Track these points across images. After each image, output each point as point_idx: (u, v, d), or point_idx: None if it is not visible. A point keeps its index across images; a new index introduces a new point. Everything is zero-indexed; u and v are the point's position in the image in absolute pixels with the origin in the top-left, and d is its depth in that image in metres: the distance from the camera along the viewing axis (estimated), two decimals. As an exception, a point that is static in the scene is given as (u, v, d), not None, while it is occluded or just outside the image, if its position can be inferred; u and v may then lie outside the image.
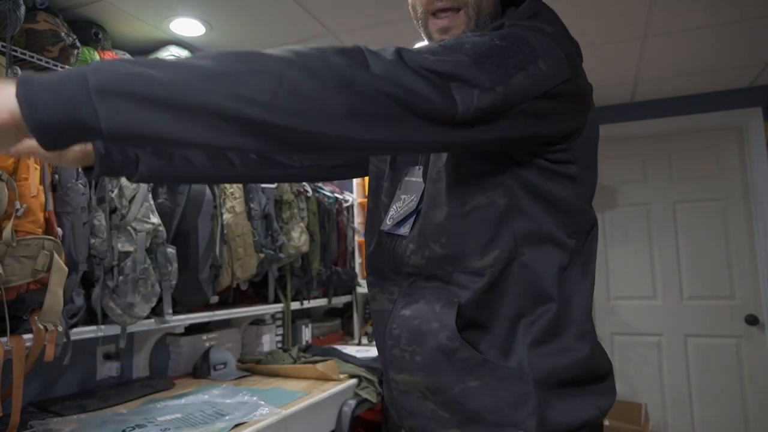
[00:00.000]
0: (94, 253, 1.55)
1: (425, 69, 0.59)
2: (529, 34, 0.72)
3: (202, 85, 0.50)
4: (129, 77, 0.50)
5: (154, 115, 0.50)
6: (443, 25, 0.81)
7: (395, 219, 0.86)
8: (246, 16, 1.92)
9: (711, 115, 2.96)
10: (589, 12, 1.97)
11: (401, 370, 0.83)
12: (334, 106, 0.54)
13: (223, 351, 2.19)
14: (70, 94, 0.49)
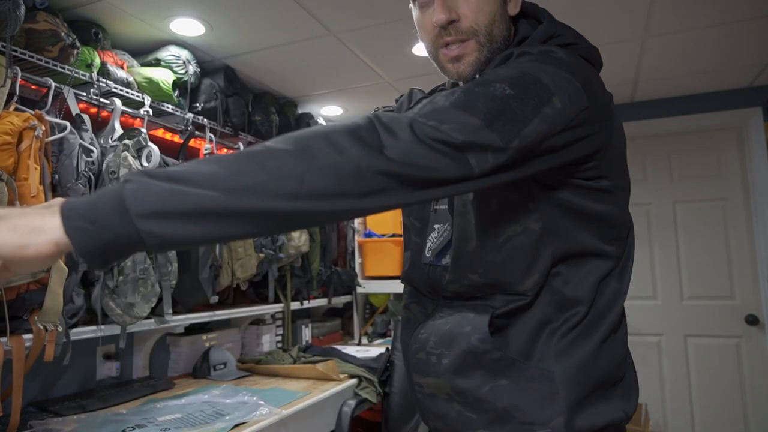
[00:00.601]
0: (94, 253, 1.55)
1: (439, 142, 0.61)
2: (542, 69, 0.71)
3: (234, 195, 0.55)
4: (162, 198, 0.54)
5: (193, 226, 0.54)
6: (454, 55, 0.81)
7: (434, 250, 0.88)
8: (246, 16, 1.92)
9: (711, 115, 2.96)
10: (589, 12, 1.97)
11: (426, 373, 0.84)
12: (352, 191, 0.58)
13: (223, 351, 2.19)
14: (113, 224, 0.52)
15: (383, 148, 0.59)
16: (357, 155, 0.58)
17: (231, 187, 0.55)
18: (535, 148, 0.67)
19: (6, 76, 1.41)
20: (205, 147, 2.21)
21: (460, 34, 0.80)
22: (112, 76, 1.77)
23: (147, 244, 0.54)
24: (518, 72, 0.70)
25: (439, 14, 0.78)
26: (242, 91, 2.45)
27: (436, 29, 0.80)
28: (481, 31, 0.81)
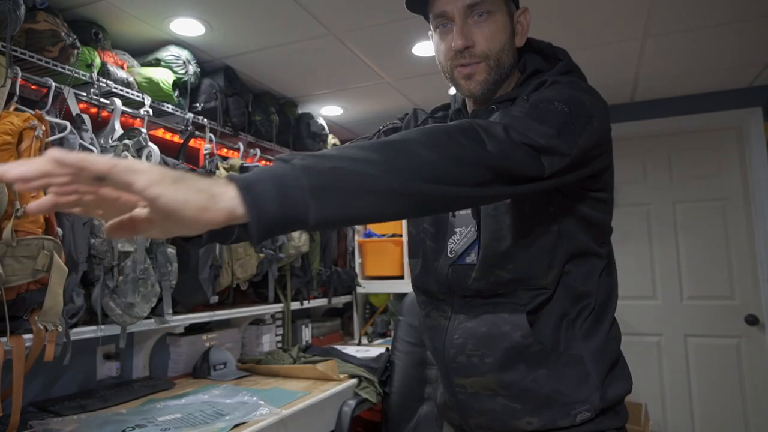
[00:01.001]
0: (94, 253, 1.55)
1: (525, 144, 0.73)
2: (580, 94, 0.85)
3: (390, 176, 0.62)
4: (333, 175, 0.59)
5: (355, 203, 0.60)
6: (466, 73, 0.93)
7: (458, 251, 0.97)
8: (246, 16, 1.92)
9: (711, 115, 2.96)
10: (589, 12, 1.97)
11: (469, 374, 0.94)
12: (468, 181, 0.68)
13: (223, 351, 2.19)
14: (292, 197, 0.55)
15: (485, 145, 0.69)
16: (472, 149, 0.68)
17: (387, 169, 0.62)
18: (581, 158, 0.82)
19: (6, 76, 1.41)
20: (205, 147, 2.21)
21: (474, 58, 0.93)
22: (112, 76, 1.77)
23: (311, 222, 0.57)
24: (568, 95, 0.83)
25: (458, 41, 0.91)
26: (242, 91, 2.45)
27: (453, 52, 0.93)
28: (492, 56, 0.93)
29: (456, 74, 0.95)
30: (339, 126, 3.42)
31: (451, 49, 0.93)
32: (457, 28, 0.91)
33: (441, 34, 0.95)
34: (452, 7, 0.91)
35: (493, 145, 0.70)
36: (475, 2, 0.91)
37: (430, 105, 1.14)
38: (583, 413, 0.88)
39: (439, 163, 0.65)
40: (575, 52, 2.38)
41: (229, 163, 2.29)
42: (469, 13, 0.91)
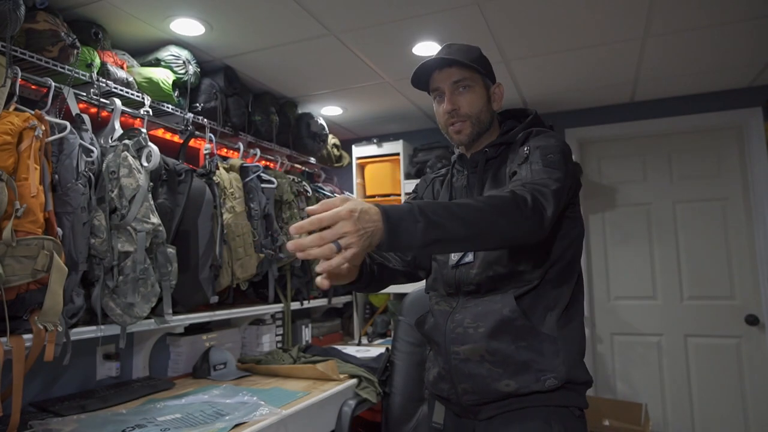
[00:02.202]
0: (94, 253, 1.55)
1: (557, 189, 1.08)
2: (560, 142, 1.19)
3: (477, 227, 0.93)
4: (439, 232, 0.90)
5: (455, 245, 0.96)
6: (456, 129, 1.29)
7: (458, 256, 1.25)
8: (246, 16, 1.92)
9: (711, 115, 2.96)
10: (588, 12, 1.97)
11: (464, 342, 1.17)
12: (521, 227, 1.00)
13: (223, 351, 2.19)
14: (411, 233, 0.87)
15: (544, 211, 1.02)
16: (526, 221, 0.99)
17: (480, 223, 0.94)
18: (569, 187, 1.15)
19: (6, 76, 1.41)
20: (205, 147, 2.21)
21: (460, 117, 1.28)
22: (112, 76, 1.77)
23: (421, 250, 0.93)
24: (555, 144, 1.17)
25: (447, 105, 1.27)
26: (242, 91, 2.45)
27: (446, 115, 1.28)
28: (473, 116, 1.28)
29: (450, 130, 1.30)
30: (339, 126, 3.42)
31: (444, 112, 1.28)
32: (447, 97, 1.27)
33: (437, 103, 1.31)
34: (443, 84, 1.27)
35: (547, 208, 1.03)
36: (458, 79, 1.26)
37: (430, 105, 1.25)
38: (551, 380, 1.11)
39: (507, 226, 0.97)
40: (575, 52, 2.40)
41: (229, 163, 2.29)
42: (455, 87, 1.26)
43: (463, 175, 1.34)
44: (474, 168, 1.31)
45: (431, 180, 1.47)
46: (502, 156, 1.28)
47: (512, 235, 0.97)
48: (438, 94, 1.30)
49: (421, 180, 1.51)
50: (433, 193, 1.44)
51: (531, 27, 2.08)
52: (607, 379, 3.14)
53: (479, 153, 1.30)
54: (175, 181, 1.86)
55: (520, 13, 1.96)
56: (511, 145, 1.27)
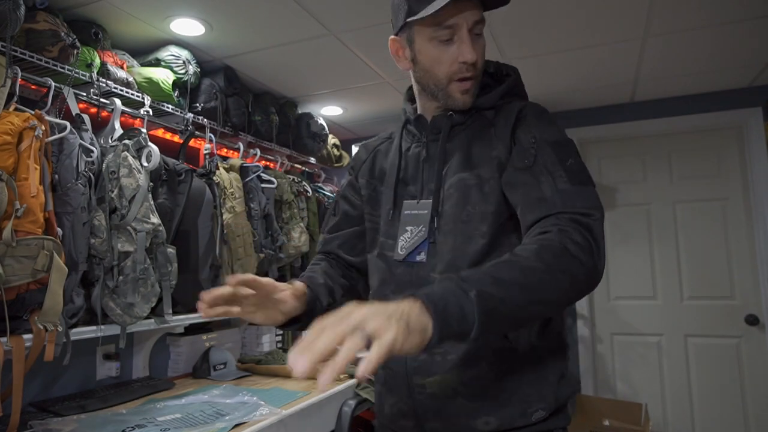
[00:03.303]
0: (94, 253, 1.55)
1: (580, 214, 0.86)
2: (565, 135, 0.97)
3: (530, 295, 0.74)
4: (495, 302, 0.69)
5: (509, 321, 0.75)
6: (466, 88, 0.98)
7: (407, 248, 1.00)
8: (246, 16, 1.92)
9: (711, 115, 2.96)
10: (589, 12, 1.97)
11: (431, 372, 0.93)
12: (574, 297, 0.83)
13: (223, 351, 2.19)
14: (465, 322, 0.67)
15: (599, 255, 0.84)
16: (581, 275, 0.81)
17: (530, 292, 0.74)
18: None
19: (6, 76, 1.41)
20: (205, 147, 2.21)
21: (475, 71, 0.97)
22: (112, 76, 1.77)
23: (471, 337, 0.68)
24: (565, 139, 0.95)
25: (472, 54, 0.94)
26: (242, 91, 2.45)
27: (457, 65, 0.95)
28: (480, 72, 1.00)
29: (453, 87, 0.98)
30: (339, 126, 3.42)
31: (456, 61, 0.95)
32: (469, 42, 0.94)
33: (442, 44, 0.96)
34: (463, 21, 0.94)
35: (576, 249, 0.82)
36: (480, 19, 0.96)
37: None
38: (539, 412, 0.91)
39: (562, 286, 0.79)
40: (575, 52, 2.40)
41: (229, 163, 2.29)
42: (474, 30, 0.95)
43: (420, 143, 1.05)
44: (436, 135, 1.03)
45: (373, 150, 1.16)
46: (473, 125, 1.01)
47: (577, 291, 0.81)
48: (446, 33, 0.95)
49: (360, 148, 1.20)
50: (375, 168, 1.13)
51: (531, 27, 2.08)
52: (607, 379, 3.14)
53: (443, 116, 1.02)
54: (175, 181, 1.86)
55: (520, 13, 1.96)
56: (483, 111, 1.02)
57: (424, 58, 0.99)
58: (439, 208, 0.99)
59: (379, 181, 1.11)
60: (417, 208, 1.02)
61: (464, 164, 0.98)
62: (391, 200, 1.05)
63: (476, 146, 0.99)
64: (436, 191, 0.99)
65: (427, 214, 0.99)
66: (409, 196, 1.04)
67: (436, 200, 0.99)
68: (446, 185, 0.99)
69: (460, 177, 0.98)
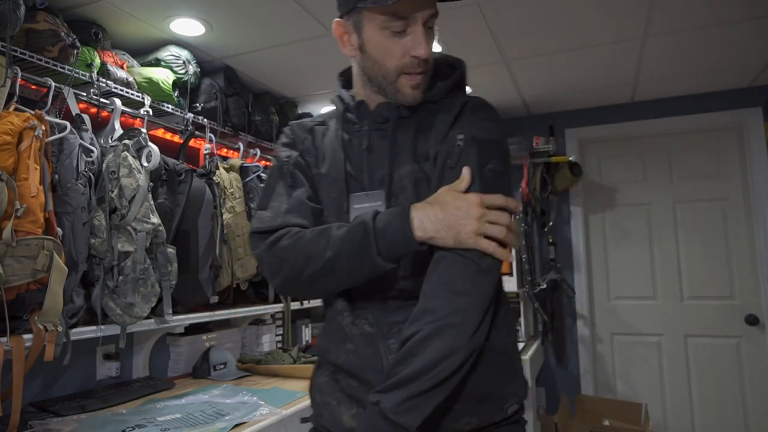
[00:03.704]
0: (94, 253, 1.55)
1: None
2: (500, 137, 0.96)
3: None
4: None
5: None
6: (416, 83, 0.94)
7: None
8: (246, 16, 1.92)
9: (711, 115, 2.96)
10: (589, 12, 1.97)
11: None
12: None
13: (223, 351, 2.19)
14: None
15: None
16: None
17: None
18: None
19: (6, 76, 1.41)
20: (205, 147, 2.21)
21: (427, 66, 0.94)
22: (112, 76, 1.77)
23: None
24: (496, 141, 0.93)
25: (426, 50, 0.91)
26: (242, 91, 2.45)
27: (409, 58, 0.91)
28: (431, 66, 0.96)
29: (403, 80, 0.93)
30: (339, 126, 3.41)
31: (407, 54, 0.91)
32: (422, 36, 0.90)
33: (394, 35, 0.91)
34: (419, 14, 0.89)
35: None
36: (434, 13, 0.92)
37: None
38: (513, 405, 0.93)
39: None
40: (575, 52, 2.40)
41: (229, 163, 2.29)
42: (426, 22, 0.91)
43: (362, 133, 0.98)
44: (380, 125, 0.97)
45: (310, 130, 1.06)
46: (418, 117, 0.97)
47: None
48: (398, 23, 0.89)
49: (294, 126, 1.08)
50: (315, 150, 1.03)
51: (531, 27, 2.08)
52: (607, 379, 3.14)
53: (389, 107, 0.96)
54: (175, 181, 1.86)
55: (520, 13, 1.96)
56: (427, 105, 0.98)
57: (374, 48, 0.93)
58: (392, 199, 0.94)
59: (321, 163, 1.01)
60: (366, 201, 0.96)
61: (413, 157, 0.95)
62: (344, 192, 0.97)
63: (420, 140, 0.96)
64: (389, 182, 0.94)
65: (382, 206, 0.93)
66: (356, 189, 0.97)
67: (389, 192, 0.94)
68: (396, 177, 0.94)
69: (412, 169, 0.94)
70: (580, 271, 3.17)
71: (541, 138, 3.09)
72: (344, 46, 0.98)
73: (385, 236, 0.83)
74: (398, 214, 0.84)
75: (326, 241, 0.87)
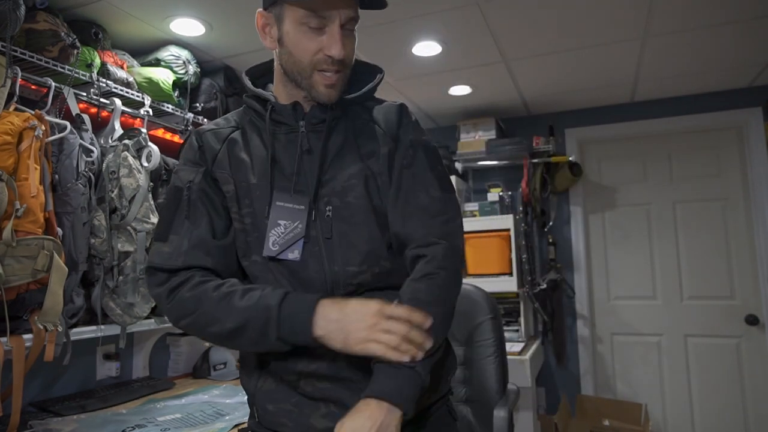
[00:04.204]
0: (94, 253, 1.55)
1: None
2: (431, 140, 1.07)
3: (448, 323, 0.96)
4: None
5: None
6: (331, 82, 0.94)
7: (281, 245, 0.93)
8: (246, 16, 1.92)
9: (711, 115, 2.96)
10: (589, 12, 1.97)
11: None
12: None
13: (223, 351, 2.19)
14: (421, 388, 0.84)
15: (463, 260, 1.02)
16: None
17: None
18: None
19: (6, 76, 1.41)
20: (205, 147, 2.21)
21: (342, 67, 0.94)
22: (112, 76, 1.77)
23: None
24: (433, 145, 1.04)
25: (340, 50, 0.91)
26: (242, 91, 2.44)
27: (322, 55, 0.92)
28: (348, 67, 0.97)
29: (317, 78, 0.94)
30: (339, 126, 3.41)
31: (321, 52, 0.92)
32: (338, 36, 0.91)
33: (310, 32, 0.92)
34: (336, 14, 0.91)
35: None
36: (354, 16, 0.93)
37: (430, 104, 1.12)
38: (447, 385, 1.04)
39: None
40: (575, 52, 2.40)
41: (229, 163, 2.29)
42: (347, 25, 0.93)
43: (293, 133, 0.97)
44: (315, 125, 0.97)
45: (225, 139, 1.01)
46: (350, 118, 1.01)
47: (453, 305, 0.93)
48: (316, 20, 0.91)
49: (206, 135, 1.02)
50: (232, 161, 0.98)
51: (531, 27, 2.08)
52: (607, 379, 3.14)
53: (320, 108, 0.97)
54: (175, 181, 1.86)
55: (520, 13, 1.96)
56: (355, 107, 1.02)
57: (290, 42, 0.94)
58: (328, 199, 0.95)
59: (240, 174, 0.98)
60: (292, 201, 0.95)
61: (356, 156, 0.97)
62: (268, 194, 0.95)
63: (361, 139, 0.99)
64: (317, 183, 0.95)
65: (303, 211, 0.94)
66: (281, 189, 0.95)
67: (317, 193, 0.95)
68: (343, 176, 0.96)
69: (361, 167, 0.96)
70: (580, 271, 3.17)
71: (541, 138, 3.09)
72: (264, 38, 0.99)
73: (285, 326, 0.84)
74: (304, 309, 0.84)
75: (228, 311, 0.87)
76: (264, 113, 0.98)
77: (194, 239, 0.94)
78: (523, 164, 3.09)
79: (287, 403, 0.93)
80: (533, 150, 3.07)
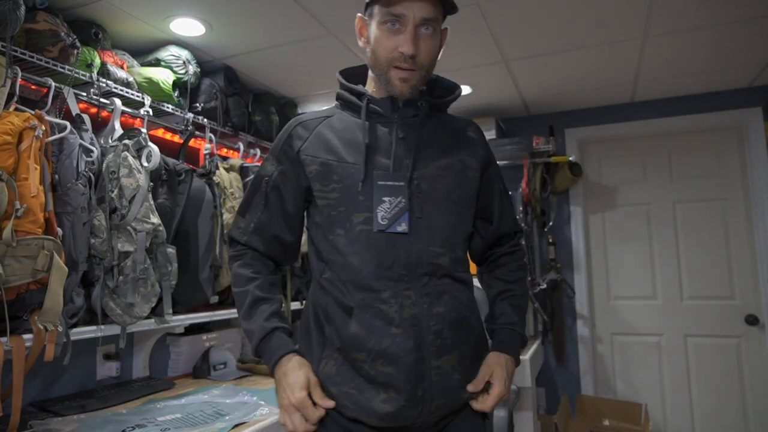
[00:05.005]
0: (94, 253, 1.55)
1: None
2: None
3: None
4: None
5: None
6: (403, 77, 1.04)
7: (390, 218, 1.02)
8: (246, 16, 1.92)
9: (711, 115, 2.96)
10: (589, 12, 1.97)
11: (442, 355, 1.01)
12: None
13: (223, 351, 2.19)
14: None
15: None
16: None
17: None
18: None
19: (6, 76, 1.41)
20: (205, 147, 2.21)
21: (415, 66, 1.03)
22: (112, 76, 1.77)
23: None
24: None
25: (410, 48, 1.00)
26: (242, 91, 2.45)
27: (397, 52, 1.02)
28: (425, 67, 1.06)
29: (393, 73, 1.04)
30: (339, 126, 3.41)
31: (397, 49, 1.02)
32: (410, 36, 1.00)
33: (388, 32, 1.03)
34: (411, 14, 1.00)
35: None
36: (429, 17, 1.01)
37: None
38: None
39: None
40: (575, 52, 2.40)
41: (229, 163, 2.29)
42: (421, 26, 1.01)
43: (389, 123, 1.08)
44: (411, 117, 1.09)
45: (314, 129, 1.10)
46: (439, 119, 1.14)
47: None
48: (394, 20, 1.01)
49: (296, 128, 1.12)
50: (322, 144, 1.08)
51: (531, 27, 2.08)
52: (607, 379, 3.14)
53: (412, 104, 1.09)
54: (175, 181, 1.86)
55: (520, 13, 1.96)
56: (438, 114, 1.15)
57: (374, 41, 1.05)
58: (419, 182, 1.06)
59: (329, 155, 1.06)
60: (392, 179, 1.05)
61: (448, 149, 1.10)
62: (362, 171, 1.04)
63: (452, 138, 1.13)
64: (413, 166, 1.06)
65: (404, 188, 1.04)
66: (380, 168, 1.05)
67: (412, 175, 1.06)
68: (434, 166, 1.07)
69: (451, 160, 1.09)
70: (580, 271, 3.17)
71: (541, 138, 3.09)
72: (360, 39, 1.11)
73: (259, 350, 1.06)
74: (273, 357, 1.04)
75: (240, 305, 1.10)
76: (358, 104, 1.09)
77: (257, 225, 1.12)
78: (523, 164, 3.09)
79: (348, 386, 1.00)
80: (533, 150, 3.07)
